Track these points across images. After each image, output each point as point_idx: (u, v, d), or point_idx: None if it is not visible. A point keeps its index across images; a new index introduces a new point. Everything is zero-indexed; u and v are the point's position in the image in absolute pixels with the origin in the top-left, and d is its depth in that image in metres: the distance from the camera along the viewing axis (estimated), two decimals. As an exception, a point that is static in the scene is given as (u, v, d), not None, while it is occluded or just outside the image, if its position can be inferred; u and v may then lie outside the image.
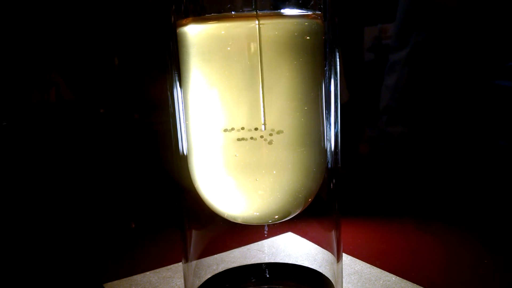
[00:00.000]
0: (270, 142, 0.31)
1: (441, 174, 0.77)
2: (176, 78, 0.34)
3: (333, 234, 0.38)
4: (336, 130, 0.35)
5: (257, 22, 0.30)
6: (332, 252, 0.38)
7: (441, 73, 0.79)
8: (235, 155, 0.31)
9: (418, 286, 0.40)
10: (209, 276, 0.41)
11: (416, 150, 0.82)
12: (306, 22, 0.31)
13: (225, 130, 0.31)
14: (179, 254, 0.40)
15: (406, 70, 0.83)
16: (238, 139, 0.31)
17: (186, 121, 0.34)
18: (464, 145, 0.79)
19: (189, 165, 0.34)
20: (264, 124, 0.31)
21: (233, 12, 0.31)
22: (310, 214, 0.37)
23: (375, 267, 0.44)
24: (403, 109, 0.83)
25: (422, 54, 0.80)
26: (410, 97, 0.83)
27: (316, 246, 0.47)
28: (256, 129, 0.30)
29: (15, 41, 0.80)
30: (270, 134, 0.30)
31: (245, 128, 0.30)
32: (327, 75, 0.34)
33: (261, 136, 0.30)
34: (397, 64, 0.84)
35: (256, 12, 0.30)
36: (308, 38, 0.31)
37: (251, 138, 0.30)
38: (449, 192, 0.70)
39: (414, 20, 0.82)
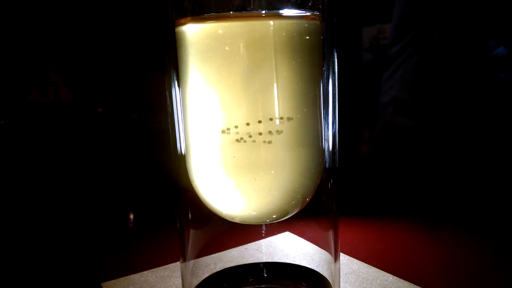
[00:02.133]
0: (268, 142, 0.31)
1: (439, 174, 0.77)
2: (175, 78, 0.34)
3: (330, 233, 0.38)
4: (334, 130, 0.35)
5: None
6: (329, 252, 0.38)
7: (447, 66, 0.79)
8: (234, 156, 0.31)
9: (415, 286, 0.40)
10: (207, 275, 0.41)
11: (418, 144, 0.82)
12: (304, 23, 0.31)
13: (223, 130, 0.31)
14: (177, 253, 0.40)
15: (413, 61, 0.83)
16: (236, 139, 0.31)
17: (184, 120, 0.34)
18: (465, 144, 0.79)
19: (187, 165, 0.34)
20: (280, 118, 0.31)
21: (231, 12, 0.31)
22: (308, 213, 0.37)
23: (372, 267, 0.44)
24: (412, 100, 0.83)
25: (428, 45, 0.81)
26: (418, 89, 0.83)
27: (314, 245, 0.47)
28: (247, 124, 0.30)
29: (13, 40, 0.79)
30: (270, 133, 0.31)
31: (243, 128, 0.30)
32: (325, 75, 0.34)
33: (260, 134, 0.30)
34: (403, 55, 0.84)
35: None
36: (306, 38, 0.31)
37: (250, 137, 0.30)
38: (447, 192, 0.70)
39: (416, 11, 0.82)
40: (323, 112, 0.34)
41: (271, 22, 0.30)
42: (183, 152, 0.35)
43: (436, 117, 0.81)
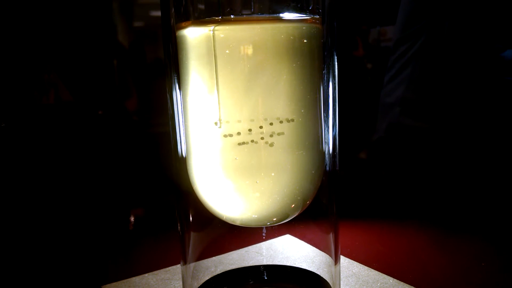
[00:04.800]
0: (270, 145, 0.31)
1: (440, 177, 0.77)
2: (176, 81, 0.34)
3: (331, 236, 0.38)
4: (334, 133, 0.35)
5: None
6: (330, 255, 0.38)
7: (455, 65, 0.79)
8: (236, 159, 0.31)
9: (415, 288, 0.40)
10: (207, 278, 0.41)
11: (420, 146, 0.82)
12: (304, 26, 0.31)
13: (224, 133, 0.31)
14: (177, 256, 0.40)
15: (420, 61, 0.82)
16: (238, 142, 0.31)
17: (185, 123, 0.34)
18: (469, 145, 0.79)
19: (188, 168, 0.35)
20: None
21: (232, 16, 0.31)
22: (308, 216, 0.37)
23: (372, 270, 0.44)
24: (420, 100, 0.83)
25: (436, 44, 0.80)
26: (426, 90, 0.82)
27: (314, 248, 0.47)
28: (249, 130, 0.30)
29: (13, 42, 0.80)
30: (271, 136, 0.31)
31: (244, 131, 0.31)
32: (325, 78, 0.34)
33: (262, 138, 0.31)
34: (411, 55, 0.83)
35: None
36: (306, 42, 0.31)
37: (252, 141, 0.31)
38: (448, 195, 0.70)
39: (423, 9, 0.81)
40: (324, 115, 0.34)
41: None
42: (184, 155, 0.35)
43: (442, 119, 0.81)
